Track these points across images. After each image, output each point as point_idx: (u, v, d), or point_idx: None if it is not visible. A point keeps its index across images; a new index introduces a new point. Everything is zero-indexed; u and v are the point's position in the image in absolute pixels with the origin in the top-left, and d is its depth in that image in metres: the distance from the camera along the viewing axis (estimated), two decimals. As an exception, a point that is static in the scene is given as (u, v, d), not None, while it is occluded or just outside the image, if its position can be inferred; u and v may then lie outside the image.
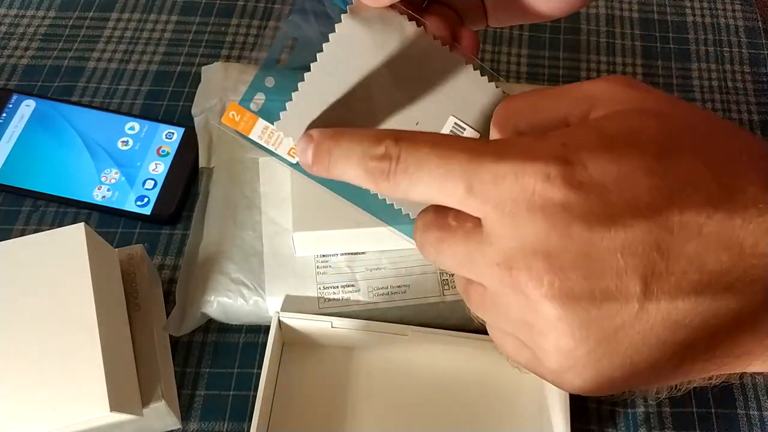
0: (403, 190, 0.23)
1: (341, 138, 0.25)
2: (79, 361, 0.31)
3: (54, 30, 0.55)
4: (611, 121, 0.23)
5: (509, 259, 0.22)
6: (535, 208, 0.21)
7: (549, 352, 0.22)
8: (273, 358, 0.38)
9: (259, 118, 0.29)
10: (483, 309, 0.25)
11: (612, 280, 0.21)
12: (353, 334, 0.39)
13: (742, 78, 0.56)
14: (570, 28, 0.58)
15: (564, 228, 0.21)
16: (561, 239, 0.21)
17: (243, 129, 0.29)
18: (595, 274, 0.21)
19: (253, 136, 0.29)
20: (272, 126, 0.29)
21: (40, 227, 0.46)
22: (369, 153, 0.24)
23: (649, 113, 0.23)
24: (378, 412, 0.39)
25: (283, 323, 0.39)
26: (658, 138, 0.22)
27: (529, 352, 0.24)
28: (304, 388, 0.40)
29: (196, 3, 0.57)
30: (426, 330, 0.39)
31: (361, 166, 0.24)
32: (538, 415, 0.39)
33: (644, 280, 0.21)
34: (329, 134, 0.25)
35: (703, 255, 0.21)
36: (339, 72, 0.29)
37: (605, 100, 0.24)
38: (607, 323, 0.21)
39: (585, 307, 0.21)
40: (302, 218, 0.40)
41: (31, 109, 0.50)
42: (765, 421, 0.41)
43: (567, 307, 0.21)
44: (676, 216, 0.21)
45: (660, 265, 0.21)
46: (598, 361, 0.22)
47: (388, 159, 0.23)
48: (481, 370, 0.40)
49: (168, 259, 0.45)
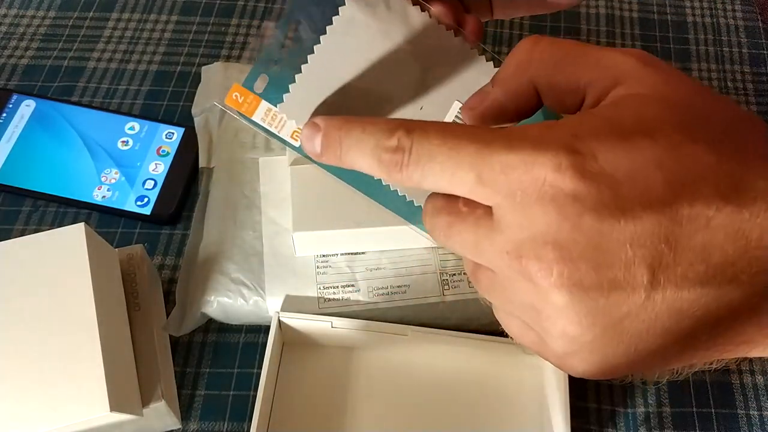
0: (416, 181, 0.24)
1: (352, 128, 0.25)
2: (79, 361, 0.31)
3: (54, 30, 0.55)
4: (627, 108, 0.23)
5: (519, 248, 0.22)
6: (546, 199, 0.21)
7: (555, 337, 0.23)
8: (273, 358, 0.38)
9: (262, 100, 0.29)
10: (491, 292, 0.25)
11: (620, 270, 0.21)
12: (353, 334, 0.39)
13: (742, 78, 0.56)
14: (570, 28, 0.58)
15: (574, 219, 0.21)
16: (571, 230, 0.21)
17: (246, 111, 0.29)
18: (603, 265, 0.21)
19: (255, 117, 0.29)
20: (275, 108, 0.29)
21: (40, 227, 0.46)
22: (382, 145, 0.24)
23: (668, 101, 0.23)
24: (378, 412, 0.39)
25: (283, 323, 0.39)
26: (672, 129, 0.22)
27: (534, 335, 0.24)
28: (304, 388, 0.40)
29: (196, 3, 0.57)
30: (426, 330, 0.39)
31: (374, 157, 0.24)
32: (538, 415, 0.39)
33: (651, 271, 0.21)
34: (337, 124, 0.25)
35: (709, 247, 0.21)
36: (342, 56, 0.29)
37: (630, 81, 0.24)
38: (614, 312, 0.22)
39: (593, 297, 0.21)
40: (302, 218, 0.40)
41: (31, 109, 0.50)
42: (765, 421, 0.41)
43: (575, 295, 0.21)
44: (685, 209, 0.21)
45: (667, 256, 0.21)
46: (603, 348, 0.23)
47: (401, 151, 0.23)
48: (481, 370, 0.40)
49: (168, 259, 0.45)
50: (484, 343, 0.39)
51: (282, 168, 0.44)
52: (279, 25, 0.30)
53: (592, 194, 0.21)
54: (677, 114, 0.22)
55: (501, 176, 0.22)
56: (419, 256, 0.42)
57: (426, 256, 0.41)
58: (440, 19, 0.30)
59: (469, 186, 0.23)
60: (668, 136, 0.22)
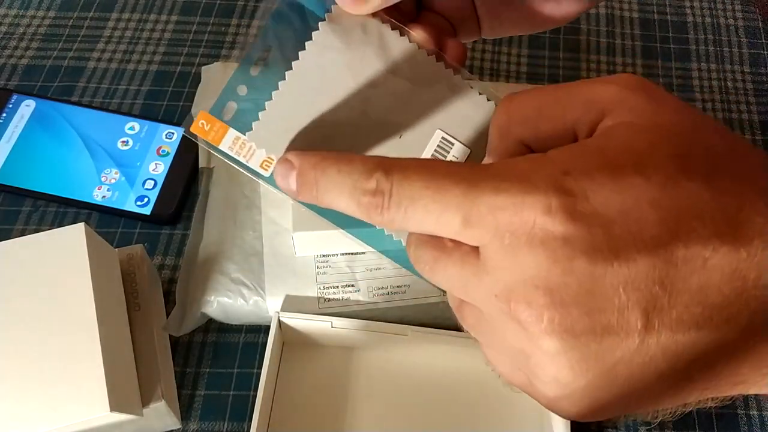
0: (398, 224, 0.23)
1: (327, 167, 0.24)
2: (79, 361, 0.31)
3: (54, 30, 0.55)
4: (617, 139, 0.22)
5: (508, 292, 0.21)
6: (536, 242, 0.21)
7: (546, 382, 0.22)
8: (273, 358, 0.38)
9: (229, 128, 0.28)
10: (477, 330, 0.24)
11: (613, 315, 0.20)
12: (353, 334, 0.39)
13: (742, 78, 0.56)
14: (570, 28, 0.58)
15: (566, 263, 0.20)
16: (562, 274, 0.20)
17: (212, 139, 0.27)
18: (596, 310, 0.20)
19: (223, 146, 0.27)
20: (243, 137, 0.27)
21: (40, 227, 0.46)
22: (360, 187, 0.23)
23: (660, 130, 0.22)
24: (378, 412, 0.39)
25: (283, 323, 0.39)
26: (665, 163, 0.21)
27: (523, 376, 0.24)
28: (304, 388, 0.40)
29: (196, 3, 0.57)
30: (426, 330, 0.39)
31: (352, 199, 0.23)
32: (538, 415, 0.39)
33: (646, 315, 0.20)
34: (312, 161, 0.24)
35: (705, 288, 0.20)
36: (316, 82, 0.27)
37: (616, 109, 0.23)
38: (607, 357, 0.21)
39: (585, 342, 0.21)
40: (302, 218, 0.40)
41: (31, 109, 0.50)
42: (765, 421, 0.41)
43: (567, 342, 0.21)
44: (680, 250, 0.20)
45: (662, 299, 0.20)
46: (595, 392, 0.22)
47: (381, 194, 0.22)
48: (481, 369, 0.40)
49: (168, 259, 0.45)
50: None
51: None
52: (250, 50, 0.28)
53: (584, 237, 0.20)
54: (670, 144, 0.21)
55: (489, 217, 0.21)
56: (419, 256, 0.42)
57: (426, 256, 0.41)
58: (421, 44, 0.29)
59: (455, 228, 0.22)
60: (661, 170, 0.21)
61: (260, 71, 0.28)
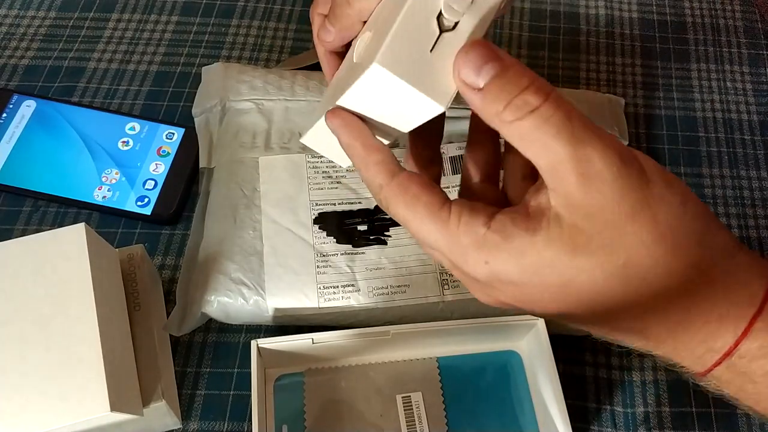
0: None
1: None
2: (80, 361, 0.31)
3: (54, 30, 0.55)
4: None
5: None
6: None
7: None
8: (260, 389, 0.36)
9: None
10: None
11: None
12: (337, 344, 0.38)
13: (741, 78, 0.56)
14: (570, 28, 0.58)
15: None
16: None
17: None
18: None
19: None
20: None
21: (41, 227, 0.46)
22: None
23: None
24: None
25: (262, 349, 0.38)
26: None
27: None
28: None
29: (197, 3, 0.57)
30: (407, 326, 0.38)
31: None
32: (538, 416, 0.39)
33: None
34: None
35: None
36: None
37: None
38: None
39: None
40: (398, 53, 0.24)
41: (31, 109, 0.50)
42: (765, 421, 0.41)
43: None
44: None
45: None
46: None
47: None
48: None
49: (168, 259, 0.45)
50: (479, 336, 0.39)
51: (282, 168, 0.44)
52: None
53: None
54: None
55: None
56: (419, 255, 0.42)
57: (425, 256, 0.42)
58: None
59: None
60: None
61: None
